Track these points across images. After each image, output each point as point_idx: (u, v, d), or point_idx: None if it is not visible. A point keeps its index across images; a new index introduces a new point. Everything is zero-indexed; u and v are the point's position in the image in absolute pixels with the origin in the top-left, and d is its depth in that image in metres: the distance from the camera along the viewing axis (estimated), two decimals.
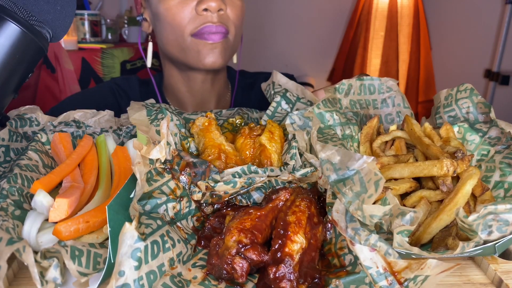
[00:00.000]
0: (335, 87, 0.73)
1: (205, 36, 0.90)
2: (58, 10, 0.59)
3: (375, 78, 0.76)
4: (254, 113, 0.84)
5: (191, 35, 0.90)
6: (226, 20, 0.91)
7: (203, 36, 0.90)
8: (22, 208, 0.51)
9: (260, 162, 0.65)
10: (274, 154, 0.65)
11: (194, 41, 0.91)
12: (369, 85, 0.76)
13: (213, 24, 0.89)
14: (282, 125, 0.73)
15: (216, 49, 0.91)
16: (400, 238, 0.43)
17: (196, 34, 0.90)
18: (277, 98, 0.78)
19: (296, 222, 0.48)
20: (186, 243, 0.50)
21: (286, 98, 0.78)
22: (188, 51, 0.92)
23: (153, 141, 0.59)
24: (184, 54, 0.94)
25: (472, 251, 0.44)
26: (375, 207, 0.44)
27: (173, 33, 0.92)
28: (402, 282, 0.44)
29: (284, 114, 0.78)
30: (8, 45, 0.54)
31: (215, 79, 1.05)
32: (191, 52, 0.92)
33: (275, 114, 0.78)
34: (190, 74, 1.01)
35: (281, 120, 0.77)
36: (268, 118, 0.78)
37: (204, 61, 0.92)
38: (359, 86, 0.75)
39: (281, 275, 0.43)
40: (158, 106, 0.72)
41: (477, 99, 0.68)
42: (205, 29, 0.89)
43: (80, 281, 0.43)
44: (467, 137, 0.64)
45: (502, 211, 0.43)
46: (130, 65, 2.25)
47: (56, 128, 0.70)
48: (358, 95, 0.75)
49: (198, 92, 1.05)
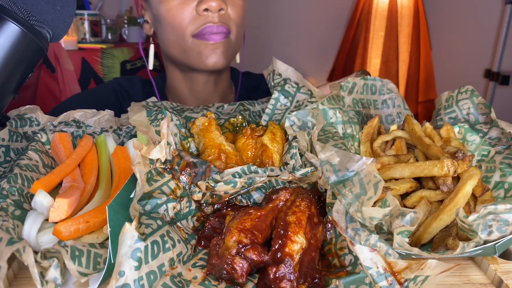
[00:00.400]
0: (341, 84, 0.73)
1: (206, 36, 0.89)
2: (58, 10, 0.59)
3: (377, 79, 0.76)
4: (256, 106, 0.82)
5: (192, 36, 0.90)
6: (227, 19, 0.91)
7: (204, 37, 0.89)
8: (22, 208, 0.51)
9: (262, 162, 0.65)
10: (276, 154, 0.65)
11: (195, 42, 0.90)
12: (371, 85, 0.76)
13: (214, 24, 0.88)
14: (282, 124, 0.72)
15: (218, 49, 0.91)
16: (400, 238, 0.43)
17: (197, 34, 0.89)
18: (275, 94, 0.77)
19: (296, 222, 0.48)
20: (186, 243, 0.50)
21: (285, 92, 0.76)
22: (190, 52, 0.92)
23: (153, 141, 0.59)
24: (185, 55, 0.93)
25: (472, 251, 0.43)
26: (375, 210, 0.44)
27: (174, 34, 0.91)
28: (402, 283, 0.44)
29: (283, 110, 0.76)
30: (8, 45, 0.54)
31: (218, 80, 1.05)
32: (193, 53, 0.92)
33: (275, 111, 0.77)
34: (192, 75, 1.01)
35: (281, 117, 0.76)
36: (268, 118, 0.77)
37: (206, 61, 0.91)
38: (362, 85, 0.75)
39: (281, 275, 0.43)
40: (158, 105, 0.72)
41: (477, 100, 0.68)
42: (206, 29, 0.88)
43: (80, 281, 0.43)
44: (468, 138, 0.64)
45: (502, 211, 0.43)
46: (130, 65, 2.25)
47: (56, 128, 0.70)
48: (361, 94, 0.75)
49: (200, 93, 1.04)
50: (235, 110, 0.81)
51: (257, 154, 0.66)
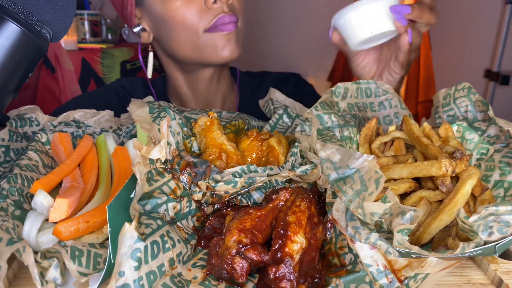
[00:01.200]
0: (331, 89, 0.73)
1: (220, 27, 0.88)
2: (58, 10, 0.59)
3: (371, 82, 0.77)
4: (253, 121, 0.84)
5: (205, 31, 0.89)
6: (234, 8, 0.91)
7: (218, 28, 0.88)
8: (22, 208, 0.51)
9: (268, 162, 0.65)
10: (281, 156, 0.65)
11: (209, 36, 0.89)
12: (365, 88, 0.76)
13: (225, 14, 0.88)
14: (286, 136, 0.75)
15: (232, 39, 0.90)
16: (400, 236, 0.43)
17: (210, 28, 0.88)
18: (280, 111, 0.81)
19: (296, 222, 0.48)
20: (186, 243, 0.50)
21: (287, 113, 0.82)
22: (204, 47, 0.91)
23: (154, 141, 0.59)
24: (199, 52, 0.92)
25: (472, 251, 0.43)
26: (376, 205, 0.44)
27: (185, 33, 0.90)
28: (403, 280, 0.44)
29: (285, 127, 0.81)
30: (8, 45, 0.54)
31: (220, 78, 1.04)
32: (207, 48, 0.90)
33: (277, 125, 0.81)
34: (196, 75, 1.00)
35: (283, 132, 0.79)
36: (271, 129, 0.80)
37: (222, 53, 0.91)
38: (355, 89, 0.76)
39: (281, 275, 0.43)
40: (160, 103, 0.72)
41: (474, 97, 0.68)
42: (219, 20, 0.88)
43: (80, 281, 0.43)
44: (466, 136, 0.64)
45: (503, 213, 0.43)
46: (130, 65, 2.25)
47: (56, 128, 0.70)
48: (355, 98, 0.76)
49: (203, 94, 1.04)
50: (234, 118, 0.81)
51: (262, 155, 0.67)
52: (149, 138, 0.59)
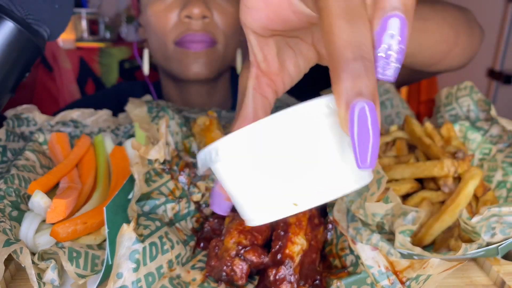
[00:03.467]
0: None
1: (187, 44, 0.84)
2: (56, 8, 0.58)
3: None
4: None
5: (174, 43, 0.85)
6: (212, 28, 0.85)
7: (185, 45, 0.84)
8: (19, 209, 0.51)
9: None
10: None
11: (177, 49, 0.85)
12: None
13: (195, 33, 0.83)
14: None
15: (200, 59, 0.85)
16: (402, 237, 0.42)
17: (178, 42, 0.85)
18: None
19: (297, 223, 0.48)
20: (185, 244, 0.50)
21: None
22: (171, 60, 0.87)
23: (152, 141, 0.59)
24: (168, 63, 0.89)
25: (474, 252, 0.43)
26: (378, 205, 0.44)
27: (157, 40, 0.87)
28: (404, 282, 0.44)
29: None
30: (4, 44, 0.54)
31: (212, 92, 0.97)
32: (174, 62, 0.87)
33: None
34: (183, 85, 0.95)
35: None
36: None
37: (187, 71, 0.86)
38: None
39: (282, 277, 0.43)
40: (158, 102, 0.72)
41: (477, 96, 0.68)
42: (187, 37, 0.83)
43: (78, 283, 0.42)
44: (469, 136, 0.63)
45: (506, 214, 0.42)
46: (128, 64, 2.24)
47: (54, 128, 0.70)
48: None
49: (194, 104, 0.98)
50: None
51: None
52: (148, 138, 0.59)
